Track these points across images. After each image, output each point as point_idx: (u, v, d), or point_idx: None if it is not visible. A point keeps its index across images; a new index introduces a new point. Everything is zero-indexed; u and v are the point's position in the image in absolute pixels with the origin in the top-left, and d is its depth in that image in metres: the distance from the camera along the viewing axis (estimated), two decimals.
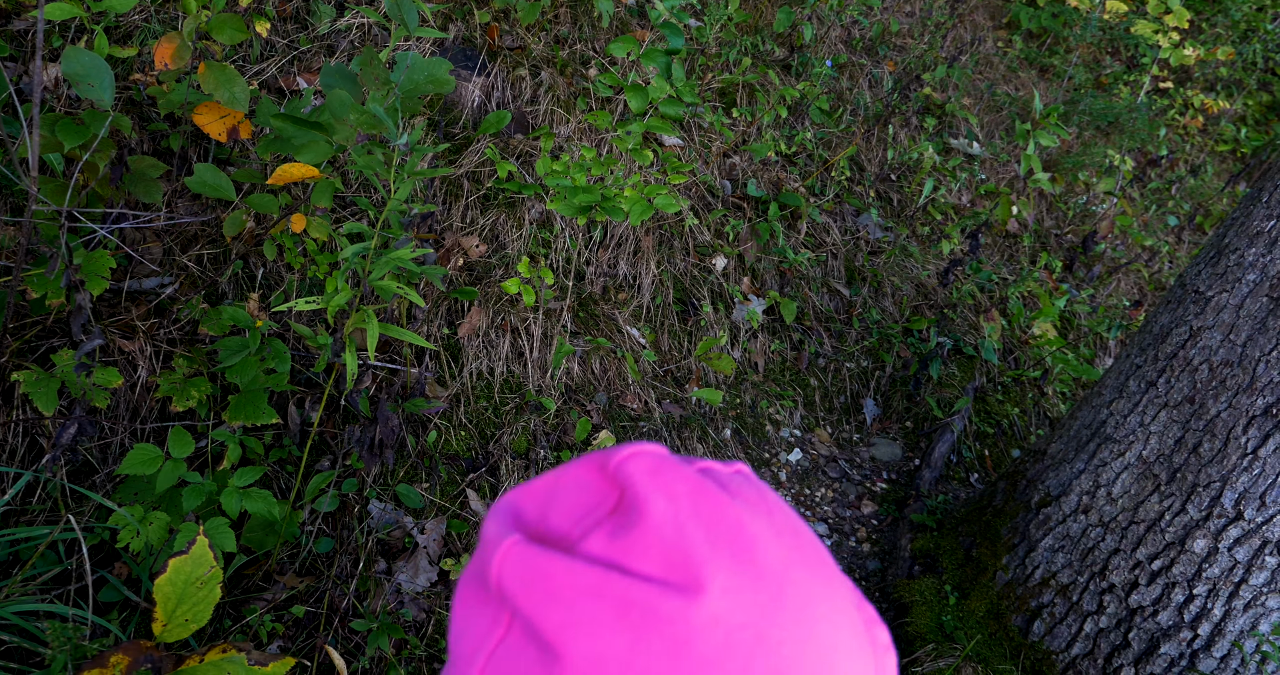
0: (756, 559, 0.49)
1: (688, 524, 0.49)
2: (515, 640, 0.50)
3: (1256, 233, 2.27)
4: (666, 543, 0.48)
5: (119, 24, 2.68)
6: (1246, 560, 2.20)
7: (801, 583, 0.51)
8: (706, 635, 0.47)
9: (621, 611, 0.47)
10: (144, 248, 2.44)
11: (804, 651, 0.49)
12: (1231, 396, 2.22)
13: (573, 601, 0.48)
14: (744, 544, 0.50)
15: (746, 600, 0.48)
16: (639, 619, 0.47)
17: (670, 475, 0.52)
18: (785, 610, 0.49)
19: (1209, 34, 5.86)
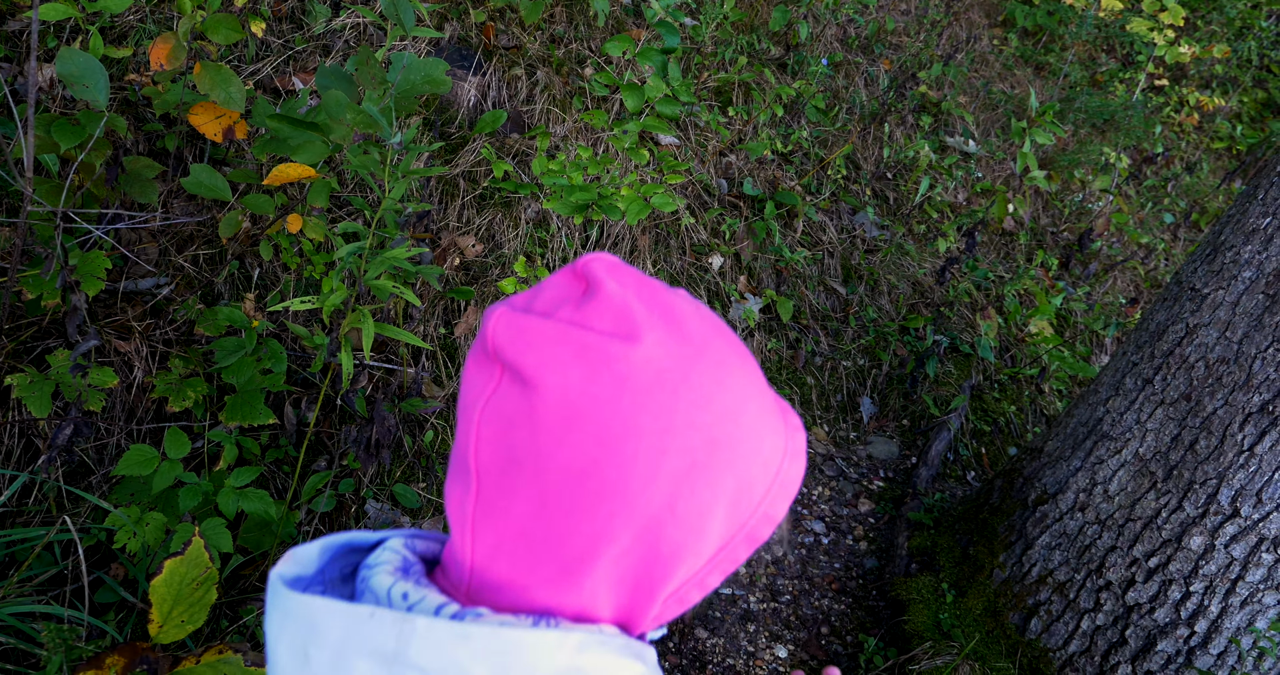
0: (684, 328, 0.67)
1: (631, 297, 0.66)
2: (504, 386, 0.67)
3: (1252, 230, 2.28)
4: (615, 308, 0.66)
5: (114, 24, 2.67)
6: (1243, 557, 2.20)
7: (720, 352, 0.68)
8: (642, 371, 0.64)
9: (580, 353, 0.64)
10: (140, 248, 2.44)
11: (718, 395, 0.67)
12: (1228, 394, 2.22)
13: (545, 347, 0.65)
14: (675, 317, 0.67)
15: (673, 351, 0.66)
16: (593, 359, 0.64)
17: (623, 269, 0.69)
18: (705, 365, 0.67)
19: (1204, 31, 5.86)
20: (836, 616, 2.80)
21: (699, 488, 0.68)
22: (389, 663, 0.66)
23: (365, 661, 0.66)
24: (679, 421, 0.66)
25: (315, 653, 0.68)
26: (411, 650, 0.65)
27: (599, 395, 0.64)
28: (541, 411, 0.65)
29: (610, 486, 0.66)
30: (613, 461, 0.66)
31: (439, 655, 0.65)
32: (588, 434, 0.65)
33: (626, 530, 0.68)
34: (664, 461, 0.66)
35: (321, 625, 0.68)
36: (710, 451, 0.68)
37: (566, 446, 0.65)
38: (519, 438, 0.66)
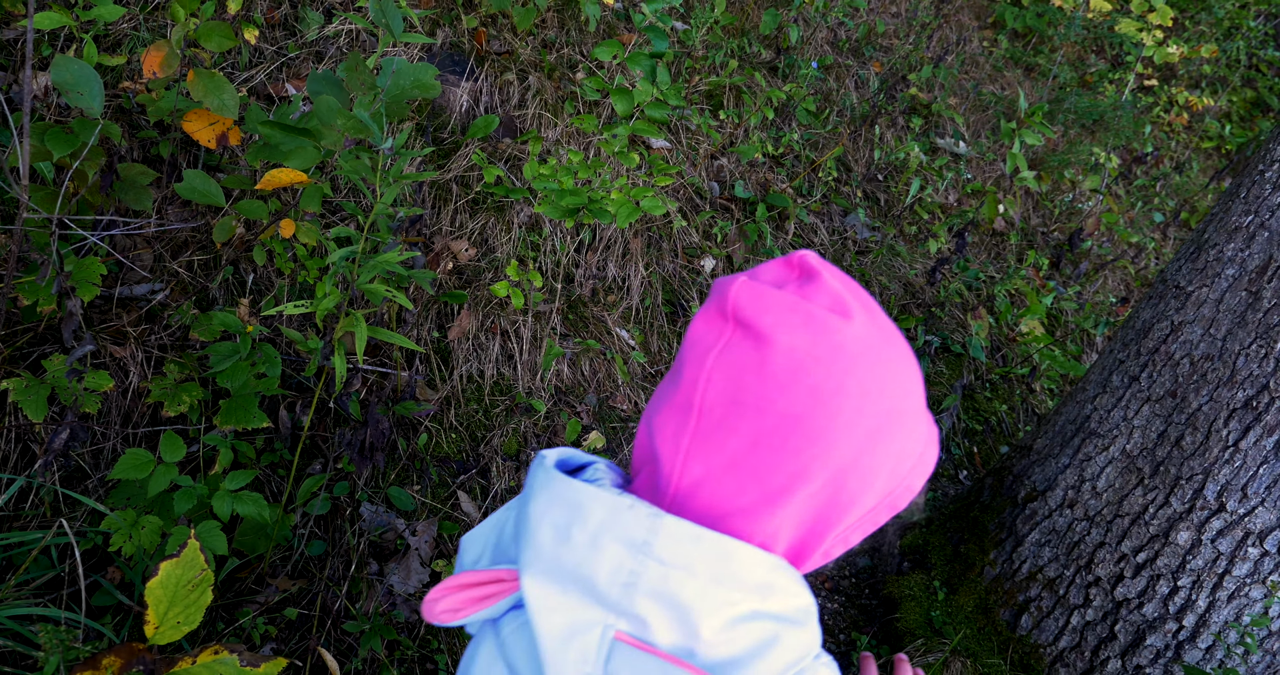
0: (879, 317, 0.83)
1: (841, 286, 0.81)
2: (736, 340, 0.81)
3: (1235, 228, 2.30)
4: (832, 291, 0.81)
5: (108, 32, 2.69)
6: (1229, 552, 2.23)
7: (902, 345, 0.84)
8: (853, 343, 0.79)
9: (807, 321, 0.79)
10: (134, 254, 2.46)
11: (902, 376, 0.82)
12: (1213, 390, 2.25)
13: (778, 312, 0.79)
14: (873, 308, 0.83)
15: (875, 333, 0.81)
16: (816, 327, 0.78)
17: (829, 264, 0.84)
18: (895, 349, 0.82)
19: (1193, 32, 5.90)
20: (830, 615, 2.82)
21: (878, 449, 0.82)
22: (636, 550, 0.79)
23: (617, 546, 0.79)
24: (874, 389, 0.80)
25: (577, 532, 0.80)
26: (657, 542, 0.79)
27: (820, 356, 0.78)
28: (771, 363, 0.79)
29: (817, 434, 0.79)
30: (823, 413, 0.79)
31: (677, 550, 0.78)
32: (806, 386, 0.78)
33: (820, 474, 0.81)
34: (860, 421, 0.80)
35: (587, 509, 0.81)
36: (891, 420, 0.81)
37: (788, 394, 0.79)
38: (747, 383, 0.80)
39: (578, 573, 0.80)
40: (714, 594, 0.78)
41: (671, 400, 0.84)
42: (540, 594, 0.81)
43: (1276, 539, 2.19)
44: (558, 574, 0.81)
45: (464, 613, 0.89)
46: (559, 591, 0.80)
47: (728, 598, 0.79)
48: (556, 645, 0.79)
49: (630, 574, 0.79)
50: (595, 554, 0.79)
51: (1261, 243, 2.22)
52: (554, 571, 0.81)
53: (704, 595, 0.78)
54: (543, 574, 0.81)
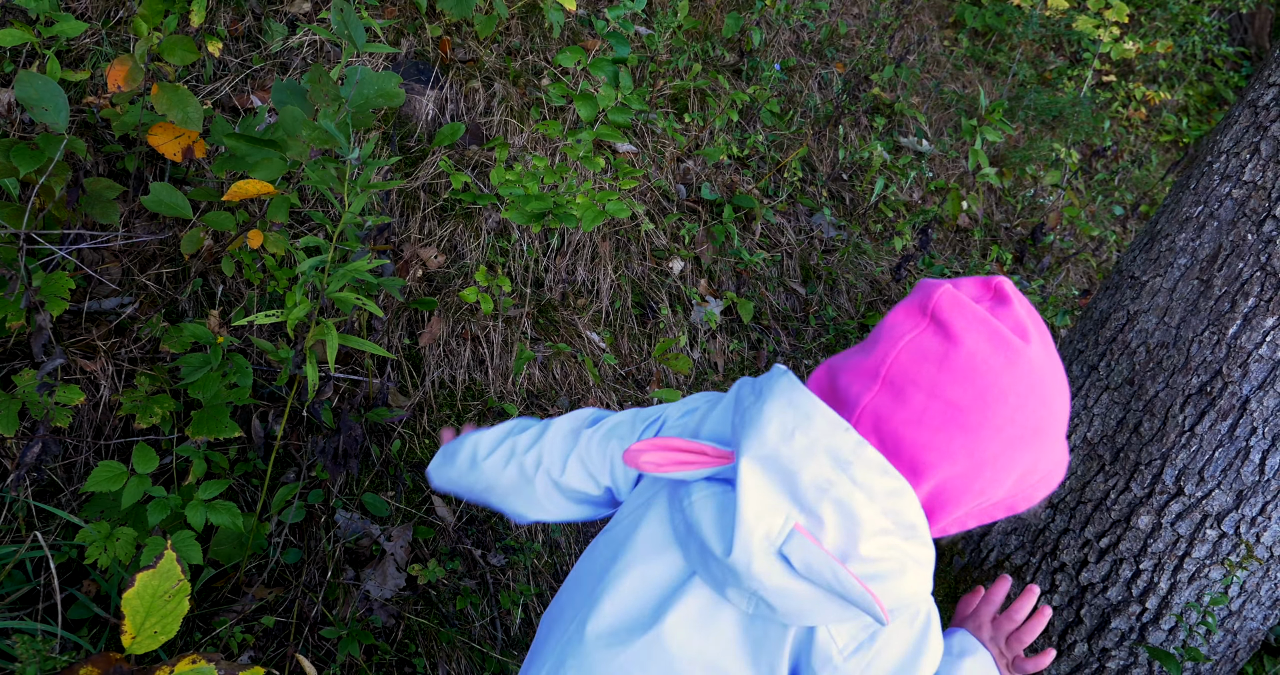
0: (1053, 350, 1.02)
1: (1027, 315, 1.00)
2: (928, 333, 0.98)
3: (1186, 218, 2.36)
4: (1018, 318, 0.98)
5: (70, 48, 2.70)
6: (1189, 534, 2.28)
7: (1064, 380, 1.03)
8: (1025, 362, 0.96)
9: (992, 334, 0.96)
10: (103, 268, 2.47)
11: (1055, 403, 1.02)
12: (1168, 377, 2.30)
13: (971, 320, 0.96)
14: (1049, 340, 1.01)
15: (1045, 361, 0.99)
16: (999, 341, 0.96)
17: (1021, 294, 1.02)
18: (1057, 380, 1.02)
19: (1148, 28, 6.00)
20: None
21: (1016, 455, 0.98)
22: (839, 465, 0.96)
23: (825, 457, 0.96)
24: (1029, 406, 0.96)
25: (800, 436, 0.98)
26: (856, 464, 0.96)
27: (995, 365, 0.95)
28: (953, 358, 0.96)
29: (972, 426, 0.96)
30: (981, 410, 0.95)
31: (868, 475, 0.96)
32: (975, 385, 0.95)
33: (962, 460, 0.97)
34: (1007, 427, 0.96)
35: (813, 419, 0.98)
36: (1034, 435, 0.98)
37: (958, 387, 0.95)
38: (927, 369, 0.97)
39: (788, 468, 0.97)
40: (879, 519, 0.95)
41: (861, 365, 1.01)
42: (753, 475, 0.98)
43: (1234, 521, 2.24)
44: (772, 464, 0.98)
45: (665, 468, 1.08)
46: (767, 478, 0.98)
47: (885, 525, 0.96)
48: (752, 519, 0.96)
49: (827, 482, 0.95)
50: (807, 457, 0.96)
51: (1211, 232, 2.28)
52: (769, 461, 0.98)
53: (873, 518, 0.95)
54: (760, 460, 0.98)
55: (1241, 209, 2.23)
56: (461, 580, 2.51)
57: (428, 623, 2.40)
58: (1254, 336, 2.17)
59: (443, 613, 2.44)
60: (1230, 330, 2.20)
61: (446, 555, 2.54)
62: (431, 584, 2.47)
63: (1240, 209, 2.23)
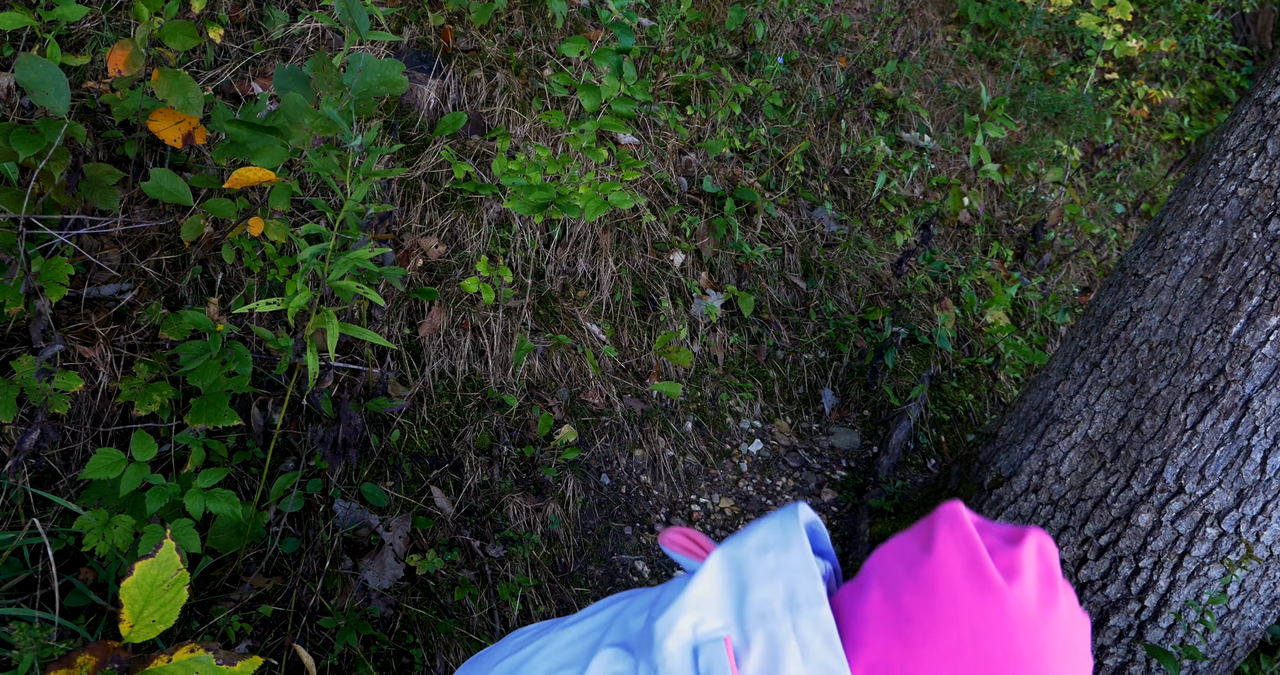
0: (1052, 615, 0.88)
1: (1035, 568, 0.90)
2: (917, 537, 0.93)
3: (1190, 216, 2.35)
4: (1014, 561, 0.89)
5: (70, 32, 2.68)
6: (1189, 532, 2.28)
7: (1054, 660, 0.88)
8: (991, 601, 0.87)
9: (973, 561, 0.88)
10: (102, 254, 2.45)
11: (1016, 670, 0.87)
12: (1171, 375, 2.30)
13: (959, 539, 0.90)
14: (1053, 605, 0.88)
15: (1024, 616, 0.87)
16: (978, 572, 0.88)
17: (1054, 558, 0.92)
18: (1036, 649, 0.87)
19: (1152, 25, 5.99)
20: None
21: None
22: (789, 606, 0.92)
23: (781, 589, 0.93)
24: (983, 646, 0.87)
25: (771, 558, 0.95)
26: (804, 614, 0.92)
27: (958, 590, 0.88)
28: (921, 565, 0.91)
29: (909, 640, 0.89)
30: (925, 629, 0.89)
31: (810, 634, 0.91)
32: (928, 600, 0.89)
33: (894, 661, 0.90)
34: (947, 658, 0.88)
35: (791, 550, 0.95)
36: None
37: (913, 595, 0.90)
38: (895, 569, 0.93)
39: (745, 580, 0.95)
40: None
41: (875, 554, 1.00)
42: (715, 570, 0.97)
43: (1234, 519, 2.24)
44: (736, 569, 0.96)
45: (679, 549, 1.09)
46: (726, 579, 0.96)
47: None
48: (693, 603, 0.95)
49: (770, 613, 0.92)
50: (766, 579, 0.94)
51: (1216, 230, 2.27)
52: (736, 565, 0.96)
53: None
54: (729, 560, 0.97)
55: (1247, 207, 2.22)
56: (460, 571, 2.50)
57: (426, 613, 2.40)
58: (1258, 335, 2.17)
59: (441, 603, 2.44)
60: (1234, 329, 2.20)
61: (445, 546, 2.53)
62: (430, 574, 2.46)
63: (1246, 207, 2.22)
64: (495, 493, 2.68)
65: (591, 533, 2.81)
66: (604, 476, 2.95)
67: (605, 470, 2.94)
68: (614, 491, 2.94)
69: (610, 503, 2.90)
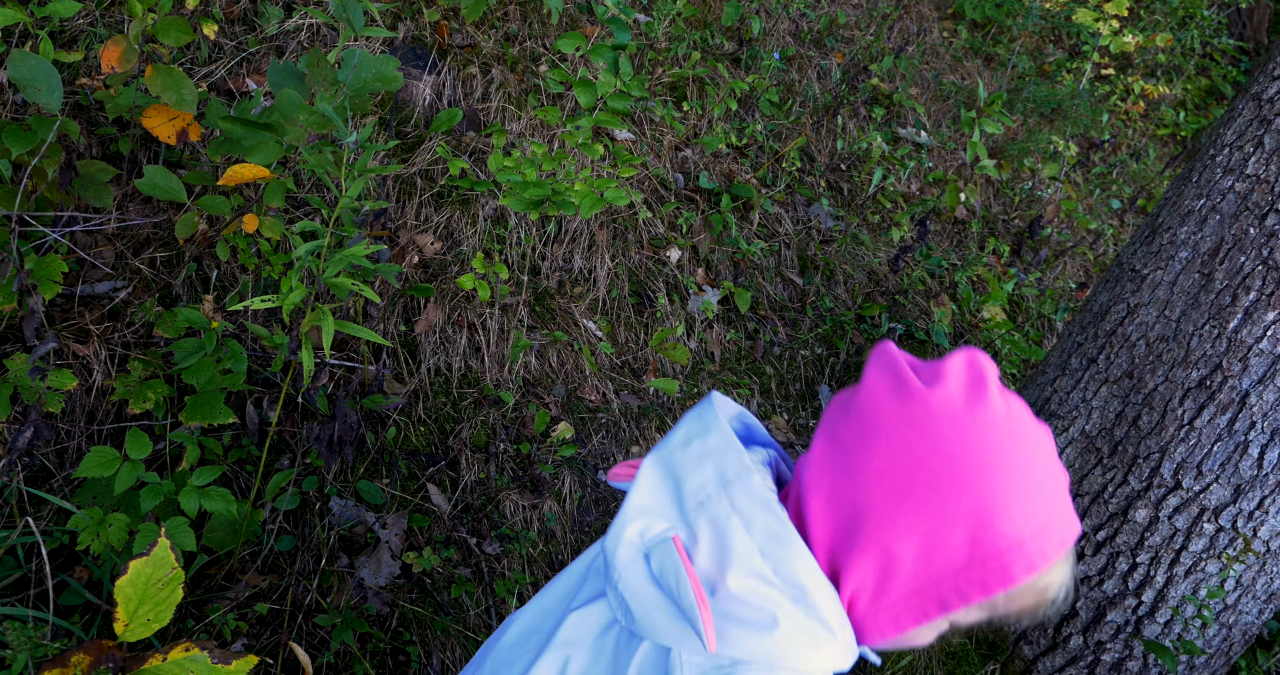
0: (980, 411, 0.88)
1: (964, 367, 0.91)
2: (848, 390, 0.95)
3: (1188, 212, 2.35)
4: (939, 371, 0.91)
5: (63, 29, 2.67)
6: (1186, 528, 2.28)
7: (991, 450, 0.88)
8: (914, 405, 0.88)
9: (895, 377, 0.90)
10: (96, 252, 2.44)
11: (955, 464, 0.87)
12: (1168, 370, 2.29)
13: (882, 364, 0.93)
14: (981, 401, 0.89)
15: (949, 414, 0.88)
16: (899, 385, 0.90)
17: (992, 368, 0.92)
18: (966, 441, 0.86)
19: (1148, 21, 5.99)
20: None
21: (900, 511, 0.86)
22: (721, 483, 0.93)
23: (711, 470, 0.94)
24: (915, 452, 0.86)
25: (695, 445, 0.96)
26: (737, 487, 0.92)
27: (884, 406, 0.88)
28: (854, 400, 0.92)
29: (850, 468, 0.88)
30: (861, 451, 0.88)
31: (747, 504, 0.91)
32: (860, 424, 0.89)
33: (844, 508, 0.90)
34: (887, 475, 0.87)
35: (712, 434, 0.96)
36: (926, 491, 0.85)
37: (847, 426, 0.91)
38: (834, 412, 0.94)
39: (677, 473, 0.96)
40: (754, 559, 0.89)
41: None
42: (649, 474, 0.97)
43: (1231, 515, 2.24)
44: (667, 467, 0.97)
45: (620, 478, 1.10)
46: (661, 480, 0.97)
47: (762, 572, 0.89)
48: (634, 511, 0.95)
49: (707, 496, 0.92)
50: (695, 466, 0.95)
51: (1213, 226, 2.27)
52: (666, 463, 0.97)
53: (748, 553, 0.89)
54: (660, 461, 0.98)
55: (1244, 202, 2.22)
56: (456, 568, 2.50)
57: (422, 611, 2.39)
58: (1255, 330, 2.17)
59: (437, 601, 2.43)
60: (1231, 324, 2.19)
61: (441, 543, 2.53)
62: (426, 572, 2.45)
63: (1243, 202, 2.22)
64: (492, 490, 2.68)
65: (588, 529, 2.81)
66: (601, 473, 2.94)
67: (602, 467, 2.94)
68: (611, 488, 2.93)
69: (607, 499, 2.90)
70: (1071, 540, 0.91)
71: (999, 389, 0.90)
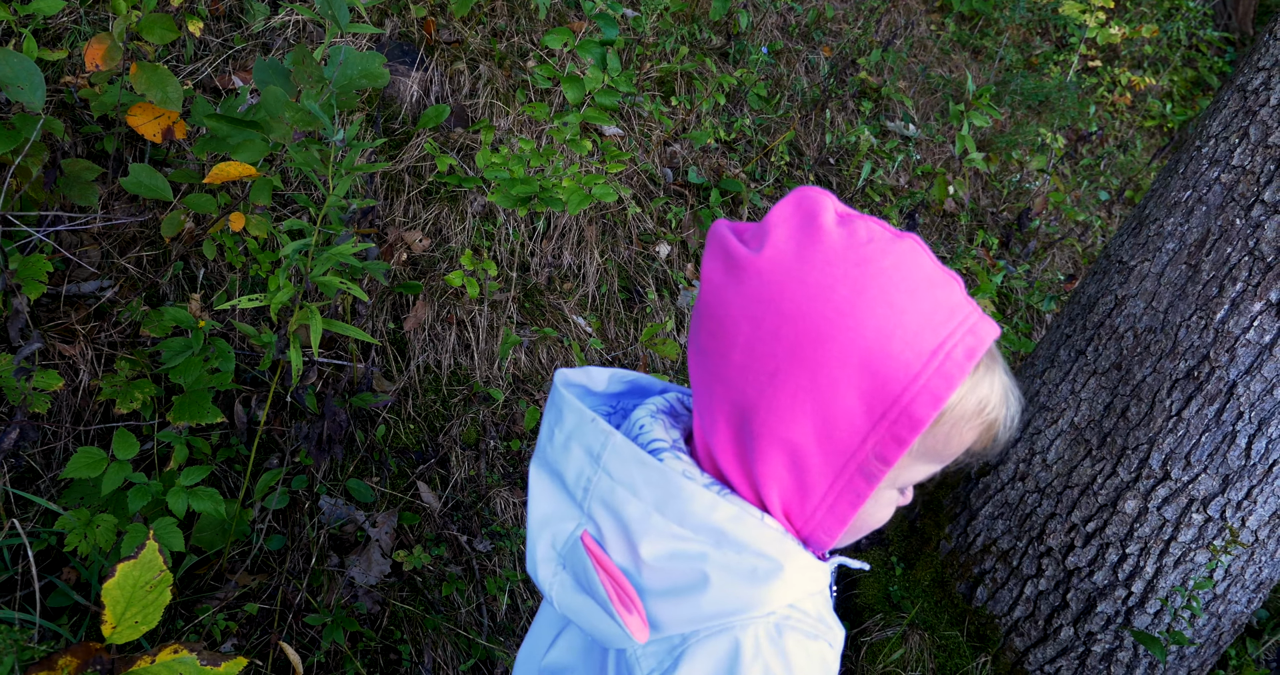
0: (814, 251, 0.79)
1: (790, 218, 0.81)
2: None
3: (1174, 203, 2.36)
4: (766, 224, 0.83)
5: (47, 26, 2.65)
6: (1175, 518, 2.29)
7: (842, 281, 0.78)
8: (750, 272, 0.80)
9: (724, 257, 0.82)
10: (81, 251, 2.43)
11: (812, 311, 0.78)
12: (1155, 361, 2.30)
13: (712, 251, 0.84)
14: (815, 241, 0.80)
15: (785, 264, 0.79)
16: (728, 263, 0.81)
17: (818, 202, 0.81)
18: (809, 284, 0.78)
19: (1134, 13, 6.00)
20: None
21: (785, 388, 0.78)
22: (592, 459, 0.87)
23: (580, 451, 0.88)
24: (767, 326, 0.77)
25: (557, 433, 0.91)
26: (606, 455, 0.86)
27: (722, 292, 0.80)
28: (698, 300, 0.84)
29: (714, 367, 0.82)
30: (719, 346, 0.81)
31: (622, 468, 0.85)
32: (709, 319, 0.82)
33: (725, 406, 0.82)
34: (755, 360, 0.79)
35: (564, 415, 0.91)
36: (794, 361, 0.77)
37: (701, 326, 0.84)
38: (692, 325, 0.87)
39: (556, 468, 0.91)
40: (655, 521, 0.83)
41: None
42: (535, 481, 0.93)
43: (1219, 505, 2.25)
44: (547, 467, 0.92)
45: None
46: (546, 484, 0.92)
47: (671, 530, 0.83)
48: (537, 526, 0.90)
49: (588, 480, 0.87)
50: (566, 454, 0.90)
51: (1199, 217, 2.28)
52: (544, 464, 0.93)
53: (646, 518, 0.83)
54: (539, 465, 0.93)
55: (1230, 193, 2.22)
56: (447, 566, 2.50)
57: (413, 609, 2.39)
58: (1241, 321, 2.17)
59: (428, 599, 2.43)
60: (1218, 315, 2.20)
61: (432, 541, 2.52)
62: (417, 570, 2.45)
63: (1229, 193, 2.23)
64: (482, 487, 2.67)
65: None
66: None
67: None
68: None
69: None
70: (981, 347, 0.78)
71: (836, 220, 0.79)
